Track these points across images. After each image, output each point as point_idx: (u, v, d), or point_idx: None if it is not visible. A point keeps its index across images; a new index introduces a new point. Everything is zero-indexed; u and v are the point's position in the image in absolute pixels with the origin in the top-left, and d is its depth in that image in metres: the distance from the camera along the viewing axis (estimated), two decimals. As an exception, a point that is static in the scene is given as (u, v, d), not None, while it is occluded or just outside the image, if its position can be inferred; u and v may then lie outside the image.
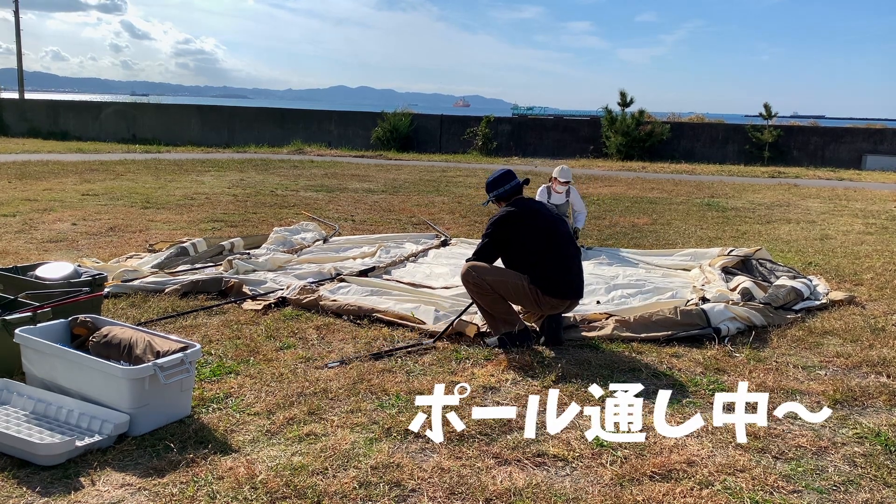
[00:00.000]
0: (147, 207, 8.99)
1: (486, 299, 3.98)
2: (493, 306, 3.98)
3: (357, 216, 8.90)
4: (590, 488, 2.52)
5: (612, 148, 22.53)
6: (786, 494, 2.51)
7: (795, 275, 5.56)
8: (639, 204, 10.88)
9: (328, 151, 20.81)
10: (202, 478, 2.51)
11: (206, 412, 3.06)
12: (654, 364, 3.78)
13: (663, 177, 15.86)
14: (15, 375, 3.20)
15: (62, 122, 27.64)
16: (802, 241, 7.79)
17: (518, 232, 4.01)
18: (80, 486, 2.46)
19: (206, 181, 12.18)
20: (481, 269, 3.98)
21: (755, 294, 4.84)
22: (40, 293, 3.65)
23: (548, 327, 4.06)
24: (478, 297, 4.01)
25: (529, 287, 3.92)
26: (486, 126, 23.70)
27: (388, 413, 3.08)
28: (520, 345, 3.95)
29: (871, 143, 22.30)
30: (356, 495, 2.43)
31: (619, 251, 6.88)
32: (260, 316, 4.45)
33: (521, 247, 4.00)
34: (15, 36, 33.56)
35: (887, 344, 4.18)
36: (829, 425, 3.06)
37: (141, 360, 2.97)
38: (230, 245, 6.27)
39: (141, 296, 4.76)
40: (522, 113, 38.51)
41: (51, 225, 7.51)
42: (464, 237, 7.47)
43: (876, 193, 13.02)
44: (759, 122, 23.34)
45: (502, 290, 3.95)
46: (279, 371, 3.53)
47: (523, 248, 3.99)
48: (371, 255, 6.31)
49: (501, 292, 3.96)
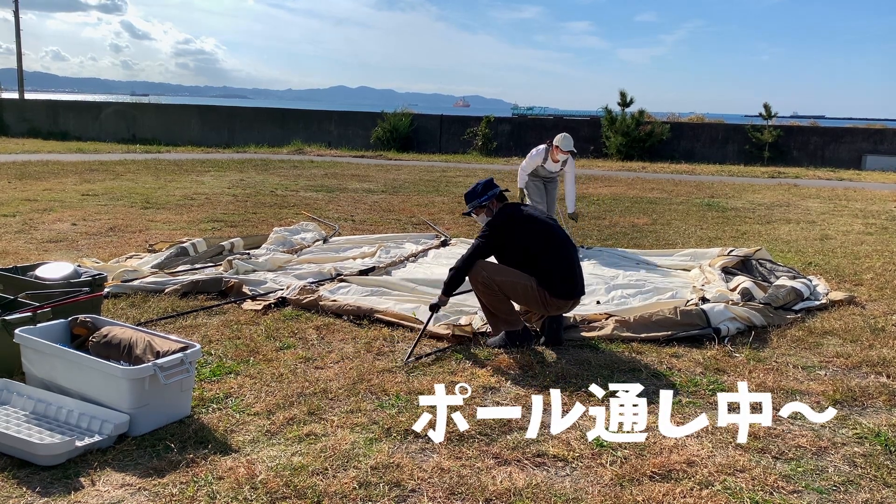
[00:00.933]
0: (147, 207, 8.99)
1: (491, 299, 3.98)
2: (497, 306, 3.98)
3: (357, 216, 8.90)
4: (590, 488, 2.52)
5: (612, 148, 22.53)
6: (786, 494, 2.51)
7: (795, 275, 5.55)
8: (639, 204, 10.88)
9: (328, 151, 20.81)
10: (202, 478, 2.51)
11: (206, 412, 3.06)
12: (654, 364, 3.78)
13: (663, 177, 15.86)
14: (15, 375, 3.21)
15: (62, 123, 27.63)
16: (802, 241, 7.79)
17: (515, 235, 4.01)
18: (80, 486, 2.46)
19: (206, 181, 12.18)
20: (491, 269, 3.98)
21: (755, 294, 4.84)
22: (40, 293, 3.65)
23: (548, 327, 4.06)
24: (483, 296, 4.01)
25: (538, 289, 3.92)
26: (486, 126, 23.69)
27: (388, 413, 3.08)
28: (520, 345, 3.95)
29: (871, 143, 22.29)
30: (356, 495, 2.43)
31: (618, 251, 6.88)
32: (260, 316, 4.45)
33: (519, 250, 4.00)
34: (15, 36, 33.56)
35: (887, 344, 4.18)
36: (829, 425, 3.06)
37: (141, 360, 2.97)
38: (230, 245, 6.27)
39: (141, 296, 4.76)
40: (522, 113, 38.54)
41: (51, 225, 7.51)
42: (464, 237, 7.47)
43: (876, 193, 13.02)
44: (759, 122, 23.34)
45: (510, 291, 3.95)
46: (279, 371, 3.53)
47: (523, 252, 3.99)
48: (371, 256, 6.31)
49: (509, 293, 3.96)
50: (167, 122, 27.07)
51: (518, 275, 3.97)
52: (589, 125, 24.64)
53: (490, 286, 3.94)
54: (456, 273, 4.02)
